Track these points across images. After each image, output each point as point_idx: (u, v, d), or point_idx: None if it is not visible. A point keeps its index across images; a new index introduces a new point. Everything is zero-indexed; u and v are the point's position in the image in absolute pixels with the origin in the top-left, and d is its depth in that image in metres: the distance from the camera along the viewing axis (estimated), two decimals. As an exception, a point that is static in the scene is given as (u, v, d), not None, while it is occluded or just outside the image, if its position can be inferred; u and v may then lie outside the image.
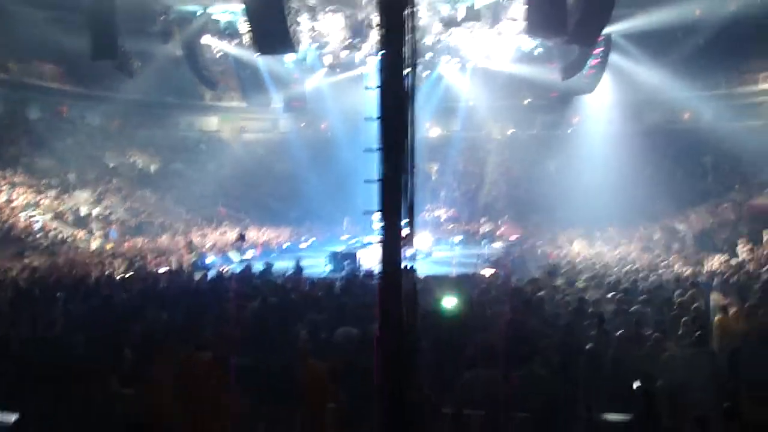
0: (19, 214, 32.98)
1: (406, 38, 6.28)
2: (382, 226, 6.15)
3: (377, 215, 6.26)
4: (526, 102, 51.91)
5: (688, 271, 21.84)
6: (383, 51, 6.26)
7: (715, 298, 15.59)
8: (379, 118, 6.14)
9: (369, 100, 6.55)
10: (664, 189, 38.74)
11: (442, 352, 10.57)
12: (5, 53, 41.51)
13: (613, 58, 37.24)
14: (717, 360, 10.41)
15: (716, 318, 13.16)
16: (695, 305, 13.90)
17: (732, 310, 13.15)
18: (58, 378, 9.69)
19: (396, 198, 6.05)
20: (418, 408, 7.08)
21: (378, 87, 6.19)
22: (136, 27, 35.25)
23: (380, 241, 6.20)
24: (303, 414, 9.18)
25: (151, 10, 35.51)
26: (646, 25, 34.29)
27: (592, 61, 35.97)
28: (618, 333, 11.67)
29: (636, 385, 9.43)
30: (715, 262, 24.12)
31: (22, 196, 34.70)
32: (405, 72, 6.25)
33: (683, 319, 12.11)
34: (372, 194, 6.41)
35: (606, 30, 30.37)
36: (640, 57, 38.70)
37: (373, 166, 6.33)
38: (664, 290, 16.22)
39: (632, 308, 13.81)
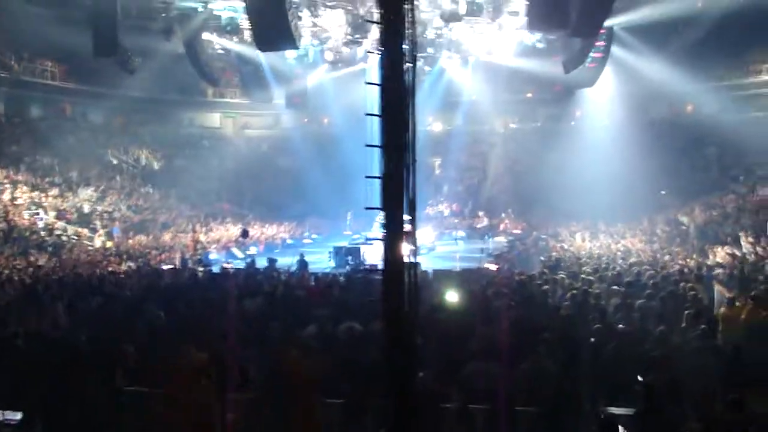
0: (23, 213, 33.01)
1: (406, 33, 6.26)
2: (384, 222, 6.14)
3: (379, 212, 6.26)
4: (528, 96, 51.90)
5: (691, 263, 21.83)
6: (383, 47, 6.23)
7: (720, 290, 15.59)
8: (379, 114, 6.13)
9: (371, 96, 6.55)
10: (668, 181, 38.73)
11: (447, 345, 10.57)
12: (7, 51, 41.51)
13: (615, 50, 37.23)
14: (722, 353, 10.38)
15: (721, 310, 13.15)
16: (699, 298, 13.89)
17: (736, 303, 13.12)
18: (62, 375, 9.71)
19: (398, 194, 6.03)
20: (423, 401, 7.09)
21: (378, 83, 6.17)
22: (137, 24, 35.34)
23: (382, 237, 6.19)
24: (292, 409, 9.10)
25: (152, 7, 35.56)
26: (647, 17, 34.22)
27: (594, 54, 35.98)
28: (621, 326, 11.67)
29: (640, 378, 9.44)
30: (718, 255, 24.12)
31: (25, 195, 34.73)
32: (405, 68, 6.23)
33: (687, 312, 12.09)
34: (375, 189, 6.41)
35: (607, 23, 30.36)
36: (642, 49, 38.59)
37: (376, 161, 6.34)
38: (667, 283, 16.17)
39: (636, 301, 13.79)
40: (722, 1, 34.88)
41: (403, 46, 6.22)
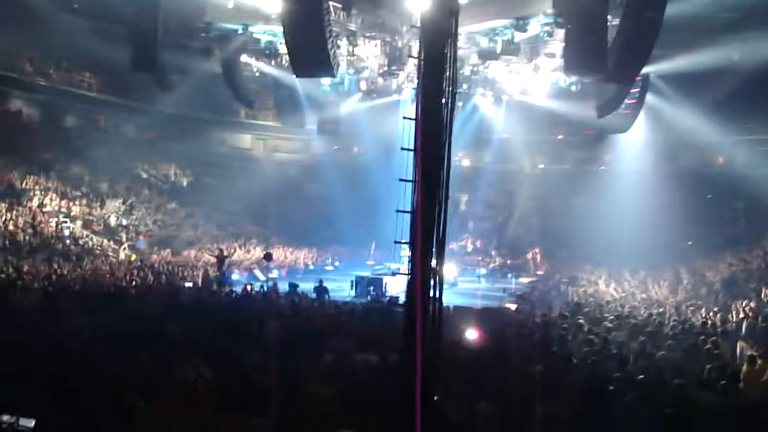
0: (50, 220, 33.27)
1: (446, 71, 6.28)
2: (411, 257, 6.13)
3: (406, 245, 6.25)
4: (559, 137, 51.80)
5: (715, 317, 21.59)
6: (422, 82, 6.26)
7: (742, 346, 15.39)
8: (414, 149, 6.13)
9: (403, 128, 6.55)
10: (695, 232, 38.45)
11: (462, 382, 10.50)
12: (46, 60, 42.09)
13: (649, 98, 37.15)
14: (741, 411, 10.22)
15: (743, 368, 12.97)
16: (722, 353, 13.73)
17: (758, 361, 12.95)
18: (77, 386, 9.73)
19: (427, 230, 6.03)
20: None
21: (415, 118, 6.18)
22: (176, 42, 35.68)
23: (408, 272, 6.18)
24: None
25: (193, 26, 35.88)
26: (683, 67, 34.09)
27: (628, 101, 35.92)
28: (641, 377, 11.53)
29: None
30: (742, 310, 23.84)
31: (53, 202, 35.03)
32: (442, 104, 6.24)
33: (708, 366, 11.95)
34: (401, 221, 6.39)
35: (644, 70, 30.31)
36: (676, 98, 38.47)
37: (404, 193, 6.32)
38: (689, 336, 16.01)
39: (657, 353, 13.66)
40: (758, 55, 34.72)
41: (442, 83, 6.25)
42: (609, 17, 26.18)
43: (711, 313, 22.46)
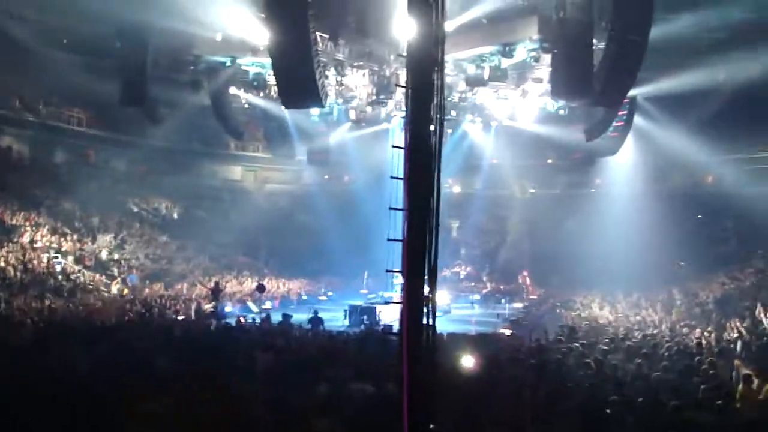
0: (41, 256, 33.13)
1: (434, 98, 6.30)
2: (404, 286, 6.12)
3: (399, 274, 6.23)
4: (548, 162, 52.00)
5: (710, 337, 21.60)
6: (410, 110, 6.27)
7: (738, 365, 15.37)
8: (404, 177, 6.14)
9: (393, 156, 6.56)
10: (686, 252, 38.51)
11: (459, 411, 10.44)
12: (35, 96, 42.09)
13: (637, 120, 37.30)
14: (740, 430, 10.20)
15: (739, 387, 12.95)
16: (717, 373, 13.71)
17: (755, 380, 12.93)
18: (74, 422, 9.66)
19: (419, 258, 6.03)
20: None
21: (404, 147, 6.20)
22: (165, 75, 35.75)
23: (401, 301, 6.16)
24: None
25: (181, 59, 35.98)
26: (669, 88, 34.24)
27: (616, 123, 36.05)
28: (638, 399, 11.50)
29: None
30: (736, 329, 23.83)
31: (44, 238, 34.89)
32: (431, 132, 6.26)
33: (704, 387, 11.92)
34: (393, 250, 6.39)
35: (630, 92, 30.44)
36: (664, 119, 38.63)
37: (395, 222, 6.32)
38: (684, 356, 15.99)
39: (653, 374, 13.62)
40: (743, 74, 34.91)
41: (430, 111, 6.27)
42: (594, 41, 26.35)
43: (705, 333, 22.47)
